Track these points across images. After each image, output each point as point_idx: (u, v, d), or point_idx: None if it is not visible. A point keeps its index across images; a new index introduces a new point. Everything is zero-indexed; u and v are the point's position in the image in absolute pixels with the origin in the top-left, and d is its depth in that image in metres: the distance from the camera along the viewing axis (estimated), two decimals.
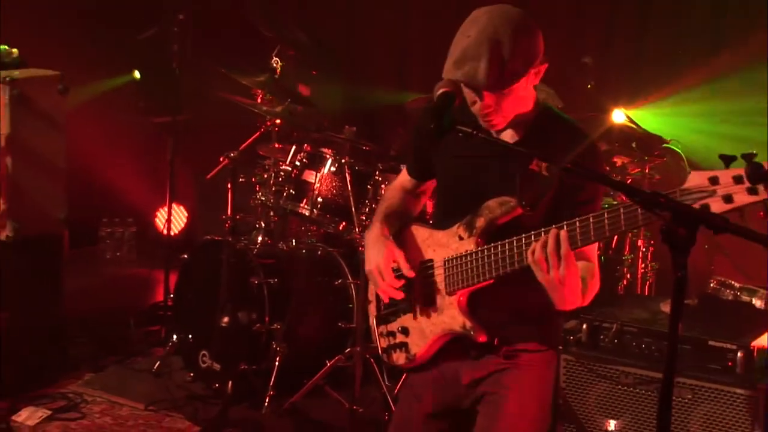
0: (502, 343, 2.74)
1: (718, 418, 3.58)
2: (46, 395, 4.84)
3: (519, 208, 2.59)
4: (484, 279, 2.64)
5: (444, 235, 2.77)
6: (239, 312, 4.87)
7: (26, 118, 4.83)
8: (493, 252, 2.60)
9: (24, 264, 4.90)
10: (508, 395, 2.74)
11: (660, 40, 5.80)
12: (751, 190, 2.10)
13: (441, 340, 2.78)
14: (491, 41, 2.51)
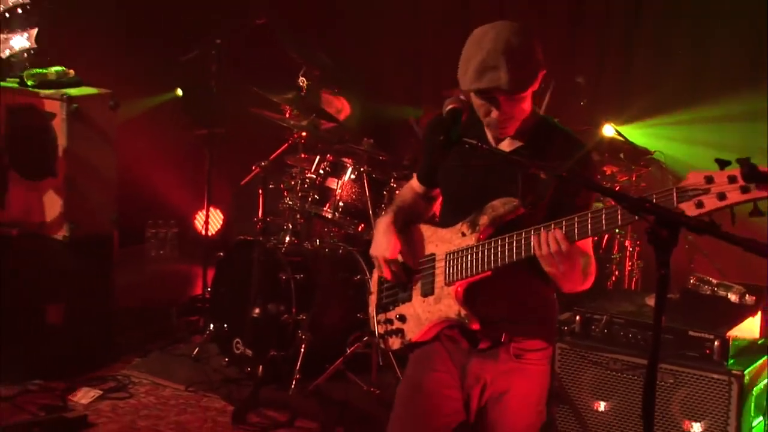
0: (509, 340, 2.68)
1: (697, 400, 3.57)
2: (98, 377, 4.87)
3: (521, 208, 2.56)
4: (482, 271, 2.60)
5: (447, 232, 2.74)
6: (269, 304, 4.87)
7: (81, 132, 4.86)
8: (492, 246, 2.57)
9: (79, 261, 4.93)
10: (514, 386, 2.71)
11: (646, 63, 5.76)
12: (743, 189, 2.08)
13: (436, 327, 2.75)
14: (506, 51, 2.49)
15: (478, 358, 2.72)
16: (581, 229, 2.39)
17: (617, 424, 3.72)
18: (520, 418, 2.73)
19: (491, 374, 2.71)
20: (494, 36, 2.52)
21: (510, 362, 2.69)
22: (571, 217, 2.41)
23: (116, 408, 4.60)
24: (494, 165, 2.63)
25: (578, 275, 2.52)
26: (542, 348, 2.74)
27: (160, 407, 4.64)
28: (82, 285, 4.96)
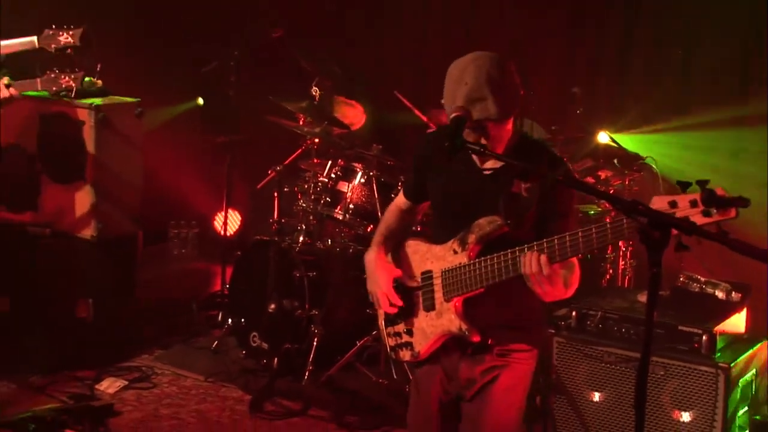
0: (495, 344, 2.71)
1: (685, 391, 3.57)
2: (123, 368, 4.89)
3: (505, 226, 2.59)
4: (476, 288, 2.63)
5: (441, 249, 2.74)
6: (284, 300, 4.87)
7: (109, 138, 4.87)
8: (484, 265, 2.60)
9: (106, 259, 4.94)
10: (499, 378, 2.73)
11: (639, 74, 5.74)
12: (705, 213, 2.12)
13: (440, 340, 2.76)
14: (490, 83, 2.53)
15: (466, 362, 2.75)
16: (559, 251, 2.44)
17: (611, 413, 3.72)
18: (504, 405, 2.75)
19: (478, 372, 2.74)
20: (475, 69, 2.55)
21: (495, 360, 2.74)
22: (552, 239, 2.45)
23: (140, 397, 4.61)
24: (481, 184, 2.66)
25: (560, 290, 2.55)
26: (527, 350, 2.77)
27: (181, 396, 4.66)
28: (109, 281, 4.98)
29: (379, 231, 2.97)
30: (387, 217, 3.00)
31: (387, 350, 2.95)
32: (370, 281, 2.90)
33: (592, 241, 2.39)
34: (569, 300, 3.88)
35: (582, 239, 2.40)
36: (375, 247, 2.92)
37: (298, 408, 4.54)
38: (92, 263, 4.89)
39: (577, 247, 2.42)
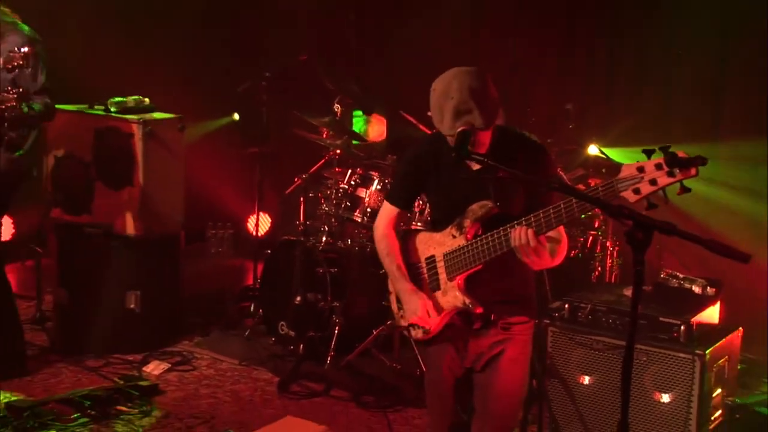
0: (498, 318, 2.74)
1: (666, 375, 3.57)
2: (167, 352, 4.90)
3: (495, 208, 2.62)
4: (475, 265, 2.65)
5: (440, 236, 2.76)
6: (308, 293, 4.88)
7: (154, 149, 4.88)
8: (479, 244, 2.62)
9: (152, 256, 4.97)
10: (506, 351, 2.75)
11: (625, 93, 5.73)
12: (669, 173, 2.14)
13: (448, 316, 2.76)
14: (474, 95, 2.55)
15: (474, 337, 2.77)
16: (544, 223, 2.45)
17: (599, 395, 3.70)
18: (510, 375, 2.77)
19: (486, 345, 2.76)
20: (458, 85, 2.57)
21: (500, 334, 2.76)
22: (537, 213, 2.46)
23: (182, 378, 4.63)
24: (472, 178, 2.68)
25: (546, 260, 2.57)
26: (525, 322, 2.79)
27: (218, 378, 4.67)
28: (155, 276, 5.00)
29: (395, 264, 2.87)
30: (392, 246, 2.90)
31: (401, 330, 2.94)
32: (409, 310, 2.81)
33: (573, 210, 2.40)
34: (563, 293, 3.92)
35: (564, 209, 2.40)
36: (406, 280, 2.83)
37: (320, 389, 4.54)
38: (140, 260, 4.91)
39: (560, 217, 2.42)
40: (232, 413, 4.25)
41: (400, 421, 4.23)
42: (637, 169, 2.17)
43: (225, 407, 4.31)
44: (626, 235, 2.11)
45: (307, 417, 3.90)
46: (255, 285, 5.70)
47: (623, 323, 3.70)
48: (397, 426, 4.16)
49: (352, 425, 4.18)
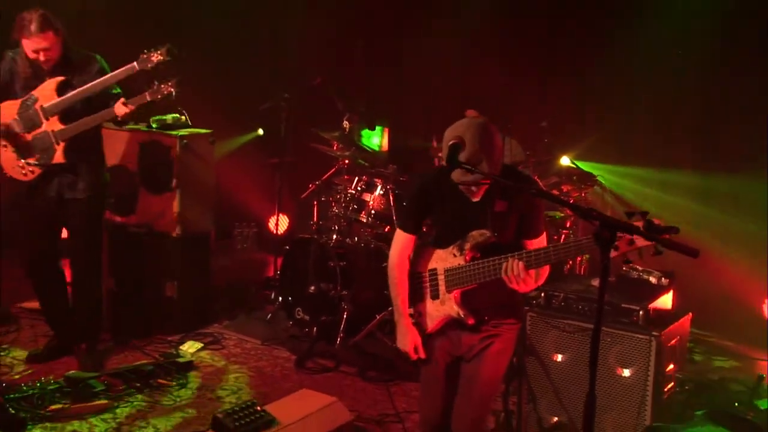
0: (490, 319, 2.77)
1: (626, 353, 3.57)
2: (200, 333, 4.93)
3: (492, 238, 2.65)
4: (471, 283, 2.70)
5: (443, 252, 2.78)
6: (321, 283, 4.89)
7: (189, 160, 4.91)
8: (476, 267, 2.66)
9: (187, 251, 4.98)
10: (493, 344, 2.78)
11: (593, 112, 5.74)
12: (647, 237, 2.18)
13: (443, 321, 2.81)
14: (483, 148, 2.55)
15: (467, 333, 2.79)
16: (536, 261, 2.51)
17: (570, 370, 3.70)
18: (492, 365, 2.80)
19: (476, 340, 2.79)
20: (471, 136, 2.55)
21: (490, 330, 2.78)
22: (529, 251, 2.52)
23: (213, 356, 4.66)
24: (472, 207, 2.70)
25: (531, 285, 2.60)
26: (513, 323, 2.83)
27: (243, 356, 4.69)
28: (189, 268, 5.01)
29: (400, 298, 2.86)
30: (401, 281, 2.87)
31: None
32: (401, 342, 2.85)
33: (560, 254, 2.47)
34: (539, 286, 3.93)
35: (553, 253, 2.47)
36: (405, 317, 2.85)
37: (331, 365, 4.56)
38: (177, 254, 4.93)
39: (548, 258, 2.49)
40: (255, 386, 4.28)
41: (400, 392, 4.26)
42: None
43: (250, 381, 4.34)
44: (594, 235, 2.16)
45: (320, 389, 3.89)
46: (275, 276, 5.71)
47: (591, 309, 3.68)
48: (396, 397, 4.18)
49: (358, 396, 4.20)
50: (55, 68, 3.97)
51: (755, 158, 5.13)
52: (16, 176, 4.06)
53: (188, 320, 4.98)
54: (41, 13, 3.83)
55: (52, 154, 4.00)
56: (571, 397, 3.69)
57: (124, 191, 4.97)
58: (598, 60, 5.67)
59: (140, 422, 3.80)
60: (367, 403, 4.12)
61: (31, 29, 3.80)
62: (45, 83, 3.98)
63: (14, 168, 4.04)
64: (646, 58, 5.49)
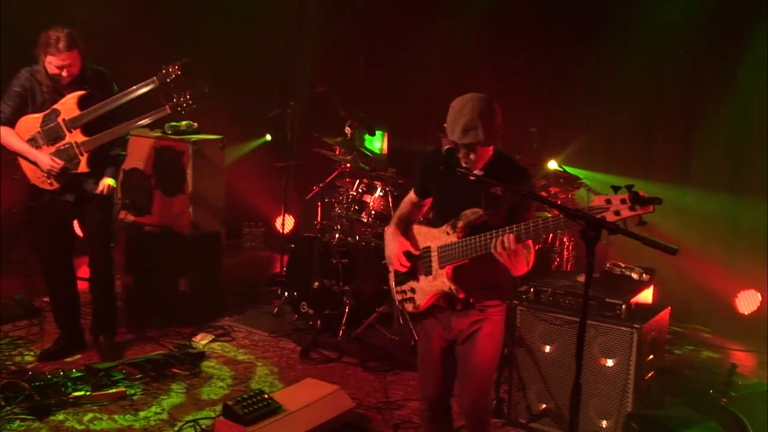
0: (476, 302, 2.75)
1: (610, 344, 3.58)
2: (211, 326, 4.93)
3: (484, 216, 2.65)
4: (462, 259, 2.68)
5: (437, 231, 2.77)
6: (324, 279, 4.90)
7: (201, 164, 4.93)
8: (468, 243, 2.63)
9: (199, 249, 5.00)
10: (483, 328, 2.77)
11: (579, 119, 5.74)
12: (631, 208, 2.17)
13: (435, 296, 2.79)
14: (481, 116, 2.57)
15: (456, 316, 2.79)
16: (526, 234, 2.49)
17: (557, 360, 3.71)
18: (485, 347, 2.79)
19: (467, 324, 2.78)
20: (471, 106, 2.59)
21: (477, 315, 2.77)
22: (519, 224, 2.49)
23: (223, 347, 4.66)
24: (467, 187, 2.71)
25: (522, 265, 2.58)
26: (498, 305, 2.80)
27: (252, 347, 4.69)
28: (201, 265, 5.03)
29: (396, 215, 2.95)
30: (402, 206, 2.97)
31: (396, 303, 2.94)
32: (387, 248, 2.87)
33: (549, 227, 2.45)
34: (528, 279, 3.93)
35: (542, 225, 2.45)
36: (393, 225, 2.90)
37: (334, 356, 4.55)
38: (189, 252, 4.94)
39: (537, 231, 2.46)
40: (263, 375, 4.29)
41: (398, 381, 4.25)
42: (605, 201, 2.19)
43: (257, 370, 4.34)
44: (580, 233, 2.19)
45: (324, 378, 3.90)
46: (281, 272, 5.71)
47: (577, 303, 3.68)
48: (395, 386, 4.18)
49: (359, 385, 4.20)
50: (73, 83, 3.97)
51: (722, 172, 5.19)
52: (41, 185, 4.07)
53: (200, 314, 4.98)
54: (68, 32, 3.84)
55: (76, 164, 4.02)
56: (558, 386, 3.68)
57: (141, 193, 4.98)
58: (582, 72, 5.70)
59: (155, 408, 3.81)
60: (367, 391, 4.12)
61: (59, 47, 3.81)
62: (66, 97, 3.98)
63: (39, 178, 4.05)
64: (627, 69, 5.51)
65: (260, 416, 3.29)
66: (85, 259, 4.35)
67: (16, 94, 3.95)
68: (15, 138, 3.97)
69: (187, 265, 4.93)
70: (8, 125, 3.97)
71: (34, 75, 3.96)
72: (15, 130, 3.98)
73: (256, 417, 3.28)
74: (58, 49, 3.81)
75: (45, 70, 3.91)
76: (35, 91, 3.97)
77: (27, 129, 4.00)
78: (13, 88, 3.96)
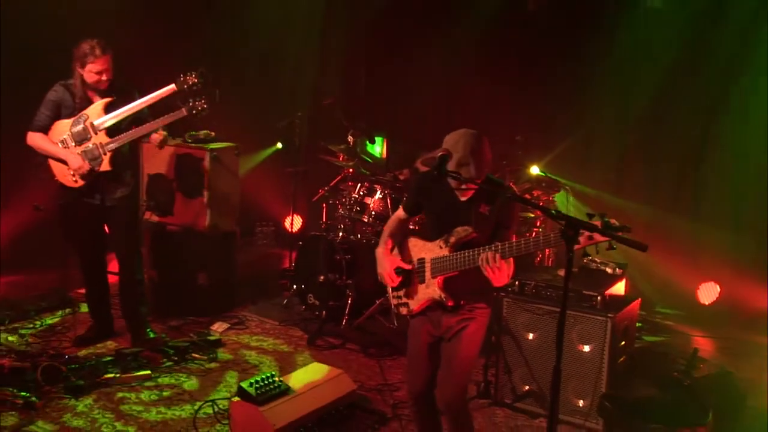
0: (466, 303, 2.78)
1: (587, 331, 3.60)
2: (227, 316, 4.93)
3: (474, 233, 2.68)
4: (452, 271, 2.72)
5: (432, 245, 2.80)
6: (329, 273, 4.89)
7: (218, 170, 4.93)
8: (458, 257, 2.67)
9: (216, 247, 5.00)
10: (468, 326, 2.79)
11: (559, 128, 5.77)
12: (603, 234, 2.22)
13: (426, 303, 2.83)
14: (473, 154, 2.61)
15: (446, 314, 2.81)
16: (509, 252, 2.53)
17: (540, 346, 3.72)
18: (468, 344, 2.80)
19: (454, 322, 2.81)
20: (464, 143, 2.62)
21: (466, 314, 2.80)
22: (504, 243, 2.53)
23: (238, 334, 4.67)
24: (458, 206, 2.73)
25: (504, 277, 2.61)
26: (485, 307, 2.83)
27: (263, 335, 4.70)
28: (218, 260, 5.02)
29: (384, 233, 2.95)
30: (390, 224, 2.97)
31: (392, 308, 2.99)
32: (379, 267, 2.90)
33: (529, 247, 2.50)
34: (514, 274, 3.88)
35: (524, 245, 2.50)
36: (382, 245, 2.91)
37: (338, 343, 4.55)
38: (207, 249, 4.95)
39: (519, 250, 2.51)
40: (273, 360, 4.31)
41: (395, 365, 4.27)
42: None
43: (268, 355, 4.36)
44: (561, 232, 2.22)
45: (328, 363, 3.91)
46: (290, 267, 5.65)
47: (557, 295, 3.71)
48: (392, 370, 4.20)
49: (361, 369, 4.22)
50: (105, 90, 4.02)
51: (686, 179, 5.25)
52: (67, 183, 4.09)
53: (217, 305, 4.99)
54: (99, 40, 3.91)
55: (99, 162, 4.05)
56: (540, 369, 3.70)
57: (164, 196, 4.99)
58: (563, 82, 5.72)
59: (177, 389, 3.85)
60: (368, 374, 4.14)
61: (97, 53, 3.87)
62: (94, 104, 4.03)
63: (65, 176, 4.08)
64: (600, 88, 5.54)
65: (271, 397, 3.32)
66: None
67: (52, 104, 4.02)
68: (47, 142, 4.02)
69: (206, 260, 4.94)
70: (43, 131, 4.03)
71: (69, 88, 4.02)
72: (49, 134, 4.03)
73: (267, 398, 3.31)
74: (96, 55, 3.87)
75: (81, 81, 3.96)
76: (68, 100, 4.03)
77: (59, 132, 4.05)
78: (49, 99, 4.03)
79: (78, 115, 4.02)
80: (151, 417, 3.57)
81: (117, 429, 3.45)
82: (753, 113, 5.05)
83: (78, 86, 3.99)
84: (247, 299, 5.28)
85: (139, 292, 4.35)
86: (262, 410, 3.24)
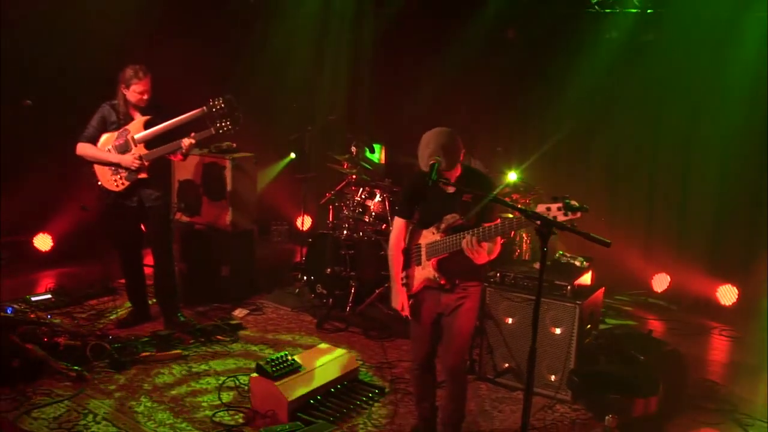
0: (460, 282, 2.80)
1: (558, 316, 3.61)
2: (247, 304, 4.92)
3: (459, 220, 2.70)
4: (443, 253, 2.75)
5: (426, 232, 2.84)
6: (335, 266, 4.88)
7: (238, 176, 4.94)
8: (448, 240, 2.70)
9: (237, 243, 5.00)
10: (465, 303, 2.81)
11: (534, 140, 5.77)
12: (565, 213, 2.24)
13: (423, 282, 2.85)
14: (443, 148, 2.62)
15: (444, 293, 2.84)
16: (485, 236, 2.57)
17: (518, 330, 3.72)
18: (465, 319, 2.84)
19: (452, 300, 2.84)
20: (434, 139, 2.64)
21: (461, 293, 2.84)
22: (482, 227, 2.56)
23: (256, 320, 4.66)
24: (446, 198, 2.77)
25: (484, 257, 2.67)
26: (477, 285, 2.87)
27: (278, 320, 4.69)
28: (239, 255, 5.01)
29: (396, 271, 2.87)
30: (397, 259, 2.88)
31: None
32: (394, 301, 2.89)
33: (505, 230, 2.52)
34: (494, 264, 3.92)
35: (499, 227, 2.53)
36: (398, 283, 2.87)
37: (343, 327, 4.54)
38: (230, 245, 4.95)
39: (496, 232, 2.54)
40: (287, 341, 4.31)
41: (393, 346, 4.29)
42: (546, 208, 2.27)
43: (282, 337, 4.37)
44: (536, 230, 2.25)
45: (334, 344, 3.92)
46: (302, 261, 5.61)
47: (533, 285, 3.71)
48: (391, 350, 4.21)
49: (363, 349, 4.22)
50: (144, 108, 4.07)
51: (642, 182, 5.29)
52: (110, 187, 4.13)
53: (238, 293, 4.98)
54: (141, 65, 4.00)
55: (139, 171, 4.08)
56: (518, 349, 3.72)
57: (192, 199, 5.01)
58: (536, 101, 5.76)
59: (204, 366, 3.87)
60: (369, 354, 4.15)
61: (140, 75, 3.96)
62: (135, 120, 4.10)
63: (109, 181, 4.12)
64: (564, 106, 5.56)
65: (285, 373, 3.35)
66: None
67: (98, 119, 4.11)
68: (95, 150, 4.10)
69: (228, 255, 4.94)
70: (91, 142, 4.11)
71: (114, 107, 4.11)
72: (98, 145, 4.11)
73: (282, 374, 3.34)
74: (139, 78, 3.96)
75: (124, 100, 4.04)
76: (113, 117, 4.10)
77: (105, 143, 4.11)
78: (97, 115, 4.13)
79: (121, 129, 4.08)
80: (182, 390, 3.60)
81: (153, 399, 3.47)
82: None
83: (122, 104, 4.07)
84: (264, 288, 5.28)
85: (172, 282, 4.38)
86: (277, 384, 3.28)
